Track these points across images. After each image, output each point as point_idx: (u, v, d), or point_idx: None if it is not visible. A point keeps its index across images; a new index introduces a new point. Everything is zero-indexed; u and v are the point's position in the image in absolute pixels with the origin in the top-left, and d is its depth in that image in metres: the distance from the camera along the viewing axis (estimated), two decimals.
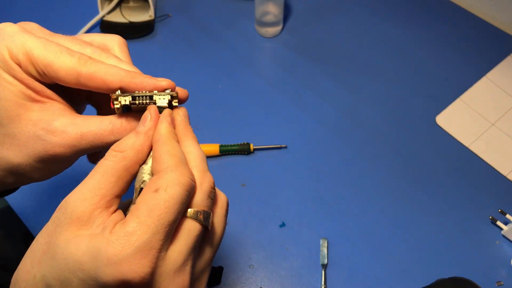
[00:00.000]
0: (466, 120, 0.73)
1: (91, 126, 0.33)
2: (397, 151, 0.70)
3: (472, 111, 0.74)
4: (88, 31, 0.80)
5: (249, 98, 0.75)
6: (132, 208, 0.29)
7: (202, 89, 0.76)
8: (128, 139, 0.32)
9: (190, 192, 0.30)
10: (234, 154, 0.69)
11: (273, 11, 0.79)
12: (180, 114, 0.35)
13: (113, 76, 0.32)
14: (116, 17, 0.82)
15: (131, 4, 0.84)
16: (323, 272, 0.59)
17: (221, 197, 0.34)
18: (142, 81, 0.33)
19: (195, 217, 0.30)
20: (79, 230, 0.28)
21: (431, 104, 0.74)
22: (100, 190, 0.29)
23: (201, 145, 0.67)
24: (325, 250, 0.60)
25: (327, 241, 0.61)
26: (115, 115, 0.34)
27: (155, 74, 0.84)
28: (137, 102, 0.33)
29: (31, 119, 0.32)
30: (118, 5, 0.82)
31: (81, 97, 0.39)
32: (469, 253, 0.61)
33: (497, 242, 0.62)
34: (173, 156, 0.31)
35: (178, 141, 0.33)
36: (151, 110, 0.33)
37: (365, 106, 0.74)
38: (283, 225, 0.63)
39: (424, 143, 0.71)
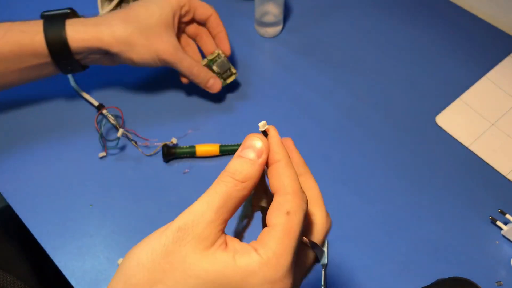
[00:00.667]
0: (466, 120, 0.73)
1: (185, 54, 0.65)
2: (396, 151, 0.70)
3: (472, 111, 0.74)
4: None
5: (249, 98, 0.75)
6: (265, 229, 0.32)
7: (202, 88, 0.76)
8: (243, 167, 0.33)
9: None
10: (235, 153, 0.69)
11: (273, 11, 0.79)
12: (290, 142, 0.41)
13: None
14: None
15: (130, 3, 0.84)
16: (323, 271, 0.59)
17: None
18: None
19: (317, 250, 0.36)
20: (208, 249, 0.30)
21: (431, 104, 0.74)
22: (223, 215, 0.31)
23: (201, 145, 0.68)
24: (326, 250, 0.60)
25: (327, 241, 0.61)
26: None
27: (155, 75, 0.84)
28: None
29: (165, 25, 0.63)
30: (118, 5, 0.82)
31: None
32: (468, 253, 0.61)
33: (497, 242, 0.62)
34: (296, 181, 0.33)
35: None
36: (266, 140, 0.35)
37: (365, 106, 0.74)
38: None
39: (424, 143, 0.71)
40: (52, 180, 0.66)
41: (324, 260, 0.61)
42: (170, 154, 0.67)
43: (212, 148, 0.68)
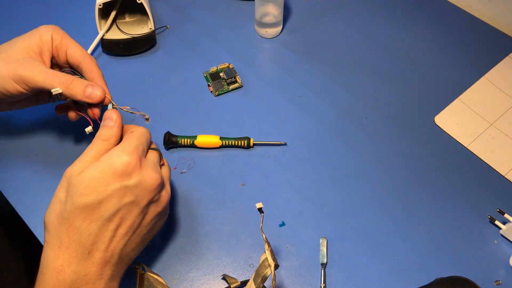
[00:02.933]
0: (465, 120, 0.73)
1: (53, 71, 0.55)
2: (395, 151, 0.70)
3: (470, 111, 0.74)
4: (92, 53, 0.79)
5: (249, 98, 0.75)
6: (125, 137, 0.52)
7: (202, 88, 0.76)
8: (107, 131, 0.51)
9: (147, 137, 0.52)
10: (234, 147, 0.69)
11: (273, 12, 0.79)
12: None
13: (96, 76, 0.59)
14: (116, 35, 0.80)
15: (127, 19, 0.83)
16: (322, 271, 0.60)
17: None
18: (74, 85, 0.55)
19: (155, 149, 0.54)
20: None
21: (430, 104, 0.75)
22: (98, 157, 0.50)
23: (203, 135, 0.68)
24: (325, 249, 0.61)
25: (327, 240, 0.62)
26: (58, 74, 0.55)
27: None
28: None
29: (29, 54, 0.56)
30: (113, 22, 0.81)
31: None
32: (467, 253, 0.61)
33: (496, 242, 0.63)
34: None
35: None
36: (114, 113, 0.53)
37: (364, 106, 0.75)
38: (283, 224, 0.63)
39: (423, 143, 0.71)
40: (53, 180, 0.66)
41: (323, 260, 0.61)
42: (171, 142, 0.68)
43: (212, 139, 0.68)
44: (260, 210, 0.48)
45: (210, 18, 0.85)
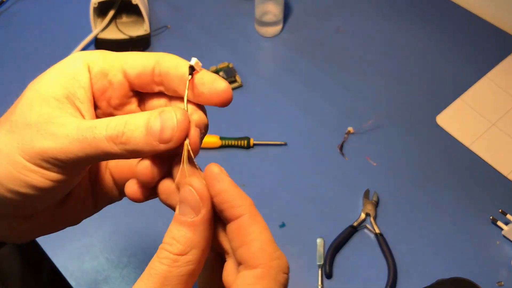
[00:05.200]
0: (467, 120, 0.72)
1: (91, 121, 0.26)
2: (397, 151, 0.70)
3: (472, 111, 0.73)
4: (83, 49, 0.78)
5: (249, 98, 0.75)
6: None
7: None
8: (180, 234, 0.25)
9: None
10: (234, 147, 0.68)
11: (273, 10, 0.79)
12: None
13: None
14: (111, 34, 0.79)
15: (124, 19, 0.82)
16: (319, 272, 0.59)
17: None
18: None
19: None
20: None
21: (432, 104, 0.74)
22: None
23: None
24: (322, 250, 0.60)
25: (324, 241, 0.61)
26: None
27: None
28: None
29: (41, 111, 0.26)
30: (111, 21, 0.81)
31: None
32: (469, 254, 0.61)
33: (498, 243, 0.62)
34: (270, 245, 0.26)
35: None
36: (203, 184, 0.25)
37: (365, 105, 0.74)
38: (283, 225, 0.63)
39: (425, 143, 0.70)
40: None
41: (320, 261, 0.61)
42: None
43: (212, 139, 0.68)
44: (191, 68, 0.29)
45: (210, 17, 0.85)
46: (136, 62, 0.28)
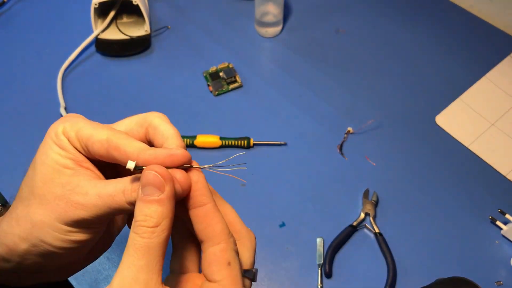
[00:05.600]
0: (466, 120, 0.73)
1: (107, 187, 0.32)
2: (397, 151, 0.70)
3: (471, 111, 0.74)
4: (84, 50, 0.78)
5: (249, 98, 0.75)
6: (210, 286, 0.32)
7: (202, 88, 0.76)
8: (151, 210, 0.30)
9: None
10: (234, 147, 0.69)
11: (273, 11, 0.79)
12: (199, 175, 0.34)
13: (133, 148, 0.32)
14: (111, 35, 0.80)
15: (125, 20, 0.82)
16: (319, 271, 0.59)
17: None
18: (152, 153, 0.32)
19: (250, 273, 0.37)
20: None
21: (431, 104, 0.74)
22: (155, 267, 0.30)
23: (203, 135, 0.68)
24: (321, 250, 0.61)
25: (323, 240, 0.62)
26: (130, 177, 0.33)
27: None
28: None
29: (61, 182, 0.33)
30: (112, 22, 0.81)
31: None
32: (468, 253, 0.61)
33: (497, 242, 0.62)
34: (226, 226, 0.33)
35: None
36: (161, 171, 0.30)
37: (365, 105, 0.74)
38: (283, 225, 0.63)
39: (424, 143, 0.71)
40: None
41: (320, 260, 0.61)
42: None
43: (212, 139, 0.68)
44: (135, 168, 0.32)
45: (210, 18, 0.85)
46: (94, 138, 0.33)
